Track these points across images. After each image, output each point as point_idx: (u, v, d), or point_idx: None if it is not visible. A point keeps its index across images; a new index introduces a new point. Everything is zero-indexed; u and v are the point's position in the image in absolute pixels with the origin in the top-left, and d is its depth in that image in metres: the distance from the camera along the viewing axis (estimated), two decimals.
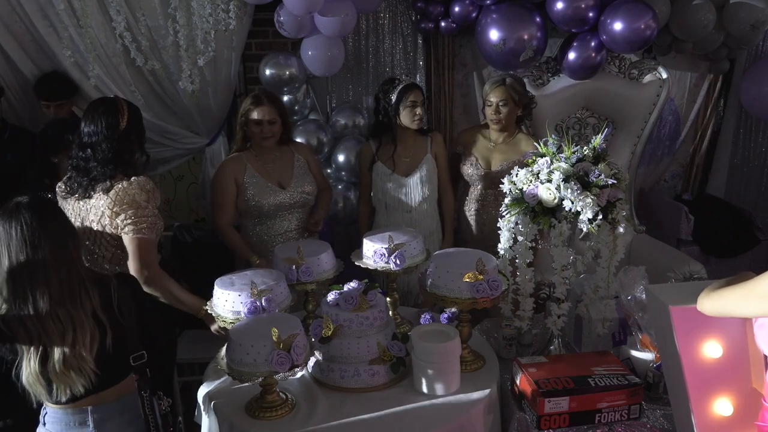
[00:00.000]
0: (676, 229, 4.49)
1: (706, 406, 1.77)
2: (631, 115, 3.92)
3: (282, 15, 3.58)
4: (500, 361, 2.41)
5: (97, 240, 2.46)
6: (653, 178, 4.92)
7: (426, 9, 4.03)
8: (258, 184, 3.07)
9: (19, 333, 1.79)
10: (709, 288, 1.69)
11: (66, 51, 3.55)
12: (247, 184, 3.06)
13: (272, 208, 3.09)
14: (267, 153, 3.14)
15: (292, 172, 3.16)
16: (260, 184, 3.07)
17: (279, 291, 2.28)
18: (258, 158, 3.12)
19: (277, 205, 3.09)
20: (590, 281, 2.39)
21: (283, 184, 3.13)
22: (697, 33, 3.90)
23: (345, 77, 4.34)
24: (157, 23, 3.60)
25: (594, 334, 2.40)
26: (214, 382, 2.25)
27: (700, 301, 1.69)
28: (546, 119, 3.70)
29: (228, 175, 3.07)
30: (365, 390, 2.17)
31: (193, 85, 3.73)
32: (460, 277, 2.21)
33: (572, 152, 2.27)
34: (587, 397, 2.02)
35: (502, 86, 3.22)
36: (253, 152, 3.13)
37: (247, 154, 3.12)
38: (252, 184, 3.06)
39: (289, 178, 3.15)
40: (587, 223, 2.16)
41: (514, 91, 3.23)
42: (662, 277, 2.47)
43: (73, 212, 2.48)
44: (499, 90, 3.22)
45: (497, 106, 3.22)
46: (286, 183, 3.13)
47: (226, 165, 3.13)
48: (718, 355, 1.75)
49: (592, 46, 3.65)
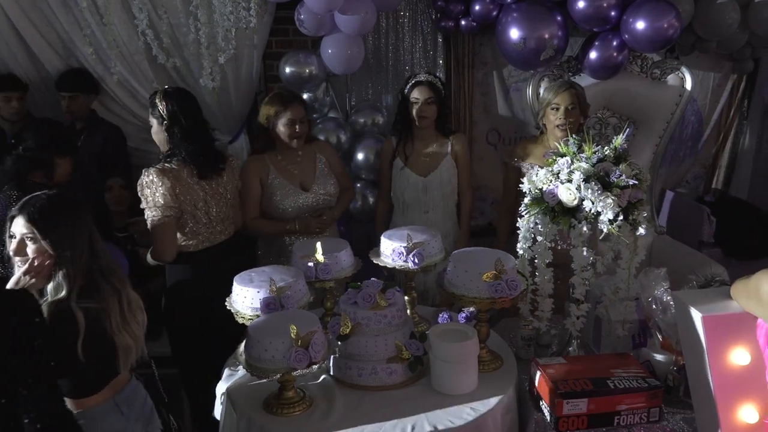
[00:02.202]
0: (698, 230, 4.45)
1: (732, 412, 1.75)
2: (653, 115, 3.88)
3: (302, 13, 3.59)
4: (518, 361, 2.40)
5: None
6: (675, 179, 4.87)
7: (446, 7, 4.01)
8: (281, 186, 3.07)
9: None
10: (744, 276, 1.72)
11: (88, 48, 3.59)
12: (271, 184, 3.07)
13: (295, 210, 3.09)
14: (290, 154, 3.13)
15: (314, 174, 3.16)
16: (283, 186, 3.08)
17: (298, 288, 2.29)
18: (281, 159, 3.12)
19: (300, 207, 3.10)
20: (610, 282, 2.37)
21: (306, 186, 3.13)
22: (721, 32, 3.85)
23: (364, 76, 4.34)
24: (179, 21, 3.63)
25: (613, 336, 2.38)
26: (233, 378, 2.27)
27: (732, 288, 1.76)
28: None
29: (252, 174, 3.08)
30: (382, 388, 2.17)
31: (213, 83, 3.76)
32: (478, 277, 2.20)
33: (593, 152, 2.26)
34: (606, 399, 2.01)
35: (570, 89, 3.07)
36: (276, 153, 3.13)
37: (270, 155, 3.12)
38: (275, 186, 3.07)
39: (311, 179, 3.15)
40: (608, 223, 2.15)
41: (580, 95, 3.09)
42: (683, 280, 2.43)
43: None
44: (567, 94, 3.06)
45: (566, 110, 3.04)
46: (308, 185, 3.13)
47: (250, 164, 3.14)
48: (745, 363, 1.74)
49: (613, 46, 3.62)
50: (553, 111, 3.08)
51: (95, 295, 1.92)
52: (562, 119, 3.04)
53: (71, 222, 1.93)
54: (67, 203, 1.97)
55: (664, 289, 2.18)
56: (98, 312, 1.90)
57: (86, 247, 1.94)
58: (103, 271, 1.97)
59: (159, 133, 2.78)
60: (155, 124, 2.78)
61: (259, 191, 3.09)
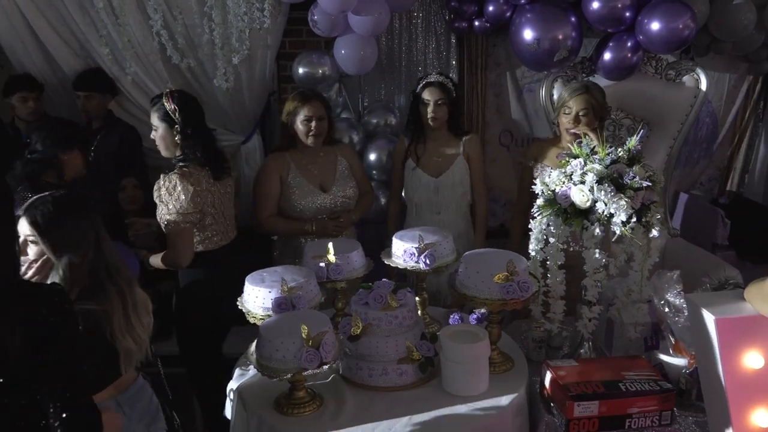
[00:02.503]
0: (712, 233, 4.42)
1: (744, 416, 1.74)
2: (667, 116, 3.85)
3: (316, 14, 3.60)
4: (529, 363, 2.39)
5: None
6: (689, 181, 4.84)
7: (460, 8, 4.01)
8: (300, 185, 3.08)
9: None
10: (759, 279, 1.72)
11: (104, 48, 3.62)
12: (290, 183, 3.07)
13: (312, 211, 3.09)
14: (311, 154, 3.14)
15: (334, 176, 3.16)
16: (302, 185, 3.08)
17: (309, 288, 2.29)
18: (302, 159, 3.12)
19: (317, 208, 3.10)
20: (623, 285, 2.36)
21: (325, 187, 3.13)
22: (737, 33, 3.82)
23: (377, 76, 4.35)
24: (193, 21, 3.65)
25: (625, 339, 2.37)
26: (244, 377, 2.28)
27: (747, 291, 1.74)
28: None
29: (273, 171, 3.09)
30: (393, 389, 2.17)
31: (227, 84, 3.78)
32: (490, 278, 2.20)
33: (606, 154, 2.25)
34: (618, 402, 2.00)
35: (584, 94, 3.04)
36: (298, 152, 3.13)
37: (292, 154, 3.12)
38: (294, 185, 3.08)
39: (331, 181, 3.15)
40: (621, 225, 2.14)
41: (597, 101, 3.06)
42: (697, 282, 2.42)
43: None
44: (580, 98, 3.04)
45: (577, 115, 3.04)
46: (328, 186, 3.14)
47: (270, 161, 3.15)
48: (759, 366, 1.72)
49: (628, 47, 3.60)
50: (566, 114, 3.07)
51: (100, 296, 1.89)
52: (571, 123, 3.05)
53: (75, 223, 1.91)
54: (72, 203, 1.94)
55: (677, 292, 2.17)
56: (99, 315, 1.87)
57: (92, 247, 1.91)
58: (110, 272, 1.94)
59: (167, 137, 2.74)
60: (162, 128, 2.74)
61: (278, 189, 3.09)
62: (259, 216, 3.11)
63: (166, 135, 2.75)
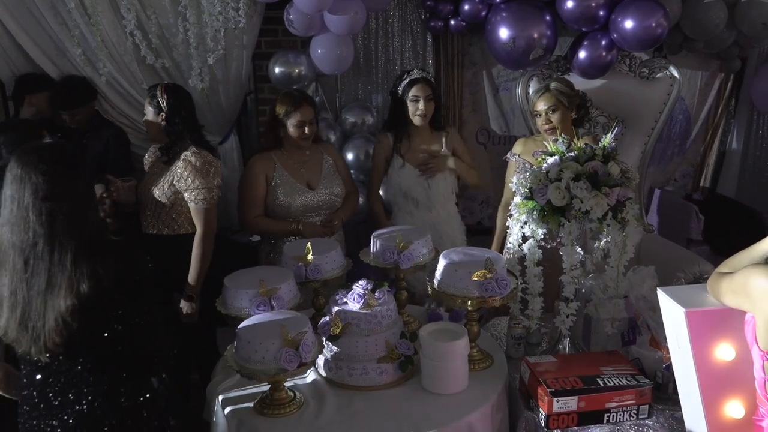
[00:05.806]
0: (687, 228, 4.47)
1: (718, 408, 1.76)
2: (642, 114, 3.90)
3: (291, 13, 3.58)
4: (508, 360, 2.41)
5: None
6: (663, 177, 4.89)
7: (435, 7, 4.02)
8: (287, 184, 3.07)
9: None
10: (718, 269, 1.76)
11: (77, 48, 3.57)
12: (277, 182, 3.06)
13: (300, 209, 3.08)
14: (298, 153, 3.14)
15: (321, 174, 3.16)
16: (289, 184, 3.07)
17: (287, 289, 2.29)
18: (289, 158, 3.12)
19: (305, 206, 3.09)
20: (599, 281, 2.38)
21: (312, 185, 3.13)
22: (708, 31, 3.87)
23: (354, 76, 4.34)
24: (168, 21, 3.61)
25: (603, 334, 2.39)
26: (224, 379, 2.26)
27: (708, 282, 1.78)
28: None
29: (259, 171, 3.07)
30: (373, 388, 2.17)
31: (203, 84, 3.74)
32: (468, 276, 2.21)
33: (581, 148, 2.26)
34: (596, 397, 2.02)
35: (546, 93, 3.11)
36: (284, 152, 3.12)
37: (278, 153, 3.11)
38: (281, 183, 3.06)
39: (318, 179, 3.14)
40: (597, 222, 2.16)
41: (561, 94, 3.10)
42: (672, 277, 2.46)
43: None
44: (544, 97, 3.10)
45: (546, 114, 3.09)
46: (315, 184, 3.13)
47: (256, 161, 3.12)
48: (730, 358, 1.75)
49: (602, 45, 3.63)
50: (537, 117, 3.15)
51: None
52: (544, 124, 3.11)
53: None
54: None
55: (652, 287, 2.20)
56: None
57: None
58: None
59: (155, 124, 2.91)
60: (150, 114, 2.90)
61: (263, 189, 3.08)
62: (247, 217, 3.09)
63: (153, 120, 2.91)
